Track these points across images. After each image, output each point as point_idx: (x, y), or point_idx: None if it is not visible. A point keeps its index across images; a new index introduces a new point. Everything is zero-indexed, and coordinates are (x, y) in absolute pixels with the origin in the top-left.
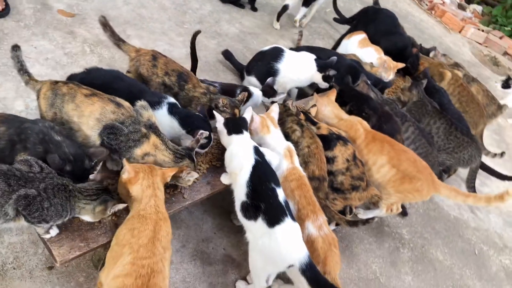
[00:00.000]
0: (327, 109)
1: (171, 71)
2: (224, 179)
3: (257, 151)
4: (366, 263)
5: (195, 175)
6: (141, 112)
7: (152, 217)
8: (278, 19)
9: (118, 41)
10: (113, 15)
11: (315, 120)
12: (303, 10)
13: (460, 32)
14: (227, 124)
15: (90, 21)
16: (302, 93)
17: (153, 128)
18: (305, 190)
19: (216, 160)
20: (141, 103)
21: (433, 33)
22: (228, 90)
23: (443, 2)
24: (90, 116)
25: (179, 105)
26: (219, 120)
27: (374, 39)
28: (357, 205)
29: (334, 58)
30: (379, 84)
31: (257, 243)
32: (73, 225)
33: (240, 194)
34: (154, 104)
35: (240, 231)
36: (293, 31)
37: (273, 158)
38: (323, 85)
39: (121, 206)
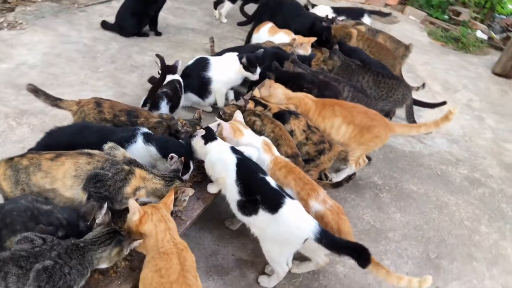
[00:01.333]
0: (279, 91)
1: (119, 112)
2: (212, 188)
3: (234, 150)
4: (358, 217)
5: (190, 191)
6: (113, 153)
7: (173, 250)
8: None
9: (55, 101)
10: (23, 83)
11: (264, 102)
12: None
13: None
14: (203, 135)
15: (3, 96)
16: (237, 93)
17: (133, 162)
18: (297, 172)
19: (197, 176)
20: (108, 145)
21: None
22: None
23: None
24: (65, 177)
25: (151, 133)
26: (199, 133)
27: (284, 26)
28: (329, 167)
29: (261, 50)
30: (305, 60)
31: (266, 234)
32: (91, 285)
33: (233, 195)
34: (129, 138)
35: (239, 233)
36: (203, 42)
37: (251, 152)
38: (251, 76)
39: (137, 243)
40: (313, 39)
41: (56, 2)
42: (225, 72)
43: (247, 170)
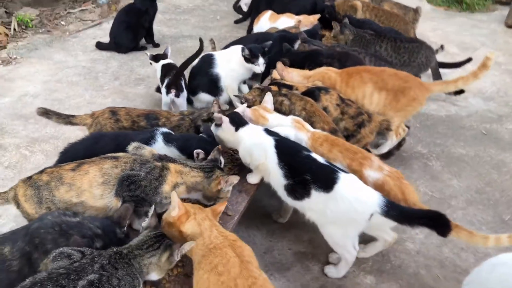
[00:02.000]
0: (293, 74)
1: (137, 117)
2: (252, 178)
3: (269, 132)
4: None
5: (235, 179)
6: (140, 152)
7: (225, 244)
8: None
9: (68, 119)
10: (30, 112)
11: (287, 83)
12: None
13: None
14: (232, 120)
15: (10, 128)
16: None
17: (164, 158)
18: (341, 143)
19: (232, 168)
20: (132, 145)
21: None
22: None
23: None
24: (92, 187)
25: (172, 132)
26: (225, 121)
27: (284, 11)
28: (372, 140)
29: (269, 42)
30: (313, 35)
31: (325, 216)
32: None
33: (278, 180)
34: (148, 140)
35: (290, 226)
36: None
37: (287, 131)
38: (255, 68)
39: (188, 246)
40: (317, 16)
41: (47, 34)
42: (231, 66)
43: (288, 149)
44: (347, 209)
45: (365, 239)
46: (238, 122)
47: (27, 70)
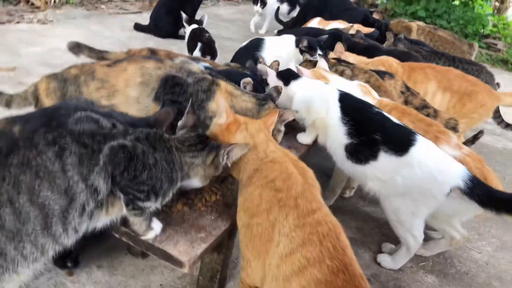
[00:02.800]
0: (351, 58)
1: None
2: (305, 137)
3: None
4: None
5: (291, 115)
6: (187, 66)
7: (285, 159)
8: None
9: (101, 53)
10: (58, 63)
11: (348, 61)
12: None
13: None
14: (281, 75)
15: (36, 70)
16: None
17: (215, 75)
18: (413, 114)
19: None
20: (179, 59)
21: None
22: None
23: None
24: (128, 86)
25: (214, 68)
26: (270, 74)
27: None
28: None
29: (325, 36)
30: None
31: (393, 185)
32: (174, 217)
33: (338, 139)
34: None
35: (336, 210)
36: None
37: (351, 90)
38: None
39: (239, 149)
40: (371, 29)
41: (85, 10)
42: (279, 53)
43: (355, 104)
44: (424, 177)
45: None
46: (288, 75)
47: (62, 31)
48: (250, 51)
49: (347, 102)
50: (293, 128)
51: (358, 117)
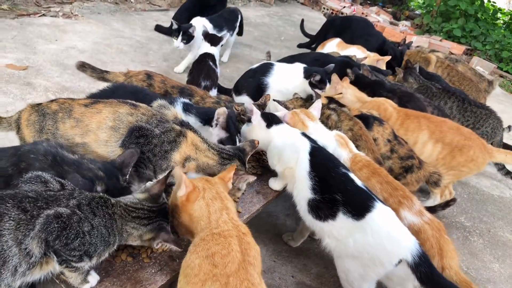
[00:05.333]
0: (349, 91)
1: (171, 88)
2: (275, 184)
3: (306, 136)
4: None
5: (251, 178)
6: (163, 112)
7: (232, 233)
8: None
9: (102, 74)
10: (71, 64)
11: (340, 102)
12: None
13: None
14: (265, 116)
15: (47, 71)
16: None
17: (185, 125)
18: (383, 174)
19: (256, 168)
20: (159, 102)
21: None
22: None
23: (378, 21)
24: (99, 128)
25: (192, 104)
26: (256, 114)
27: (352, 43)
28: (414, 190)
29: (332, 65)
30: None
31: (346, 246)
32: (115, 267)
33: (303, 192)
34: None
35: (301, 252)
36: (260, 58)
37: (327, 141)
38: (312, 92)
39: (174, 248)
40: (388, 57)
41: (113, 4)
42: (285, 81)
43: (324, 160)
44: (375, 244)
45: None
46: (271, 119)
47: (83, 28)
48: (258, 75)
49: (317, 157)
50: (268, 170)
51: (324, 174)
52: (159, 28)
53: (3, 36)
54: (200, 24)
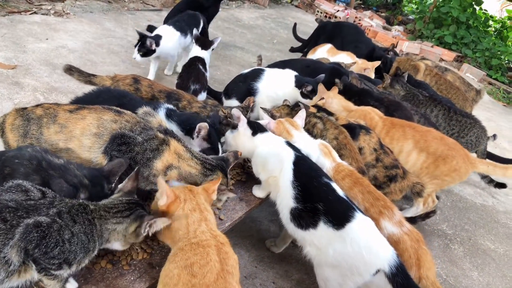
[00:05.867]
0: (334, 101)
1: (158, 93)
2: (259, 192)
3: (290, 145)
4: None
5: (231, 195)
6: (147, 119)
7: (211, 243)
8: None
9: (89, 77)
10: (60, 63)
11: (329, 110)
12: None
13: (395, 48)
14: (251, 124)
15: (36, 71)
16: None
17: (169, 133)
18: (365, 184)
19: (241, 174)
20: (144, 109)
21: None
22: None
23: (371, 25)
24: (83, 135)
25: (176, 110)
26: (242, 121)
27: (342, 50)
28: (398, 199)
29: (322, 75)
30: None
31: (326, 255)
32: (95, 274)
33: (286, 201)
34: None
35: (282, 258)
36: (251, 61)
37: (310, 150)
38: (303, 101)
39: (161, 222)
40: (377, 63)
41: (106, 3)
42: (274, 88)
43: (307, 169)
44: (354, 254)
45: None
46: (257, 127)
47: (74, 27)
48: (248, 80)
49: (300, 166)
50: (252, 177)
51: (307, 184)
52: (151, 29)
53: None
54: (168, 32)
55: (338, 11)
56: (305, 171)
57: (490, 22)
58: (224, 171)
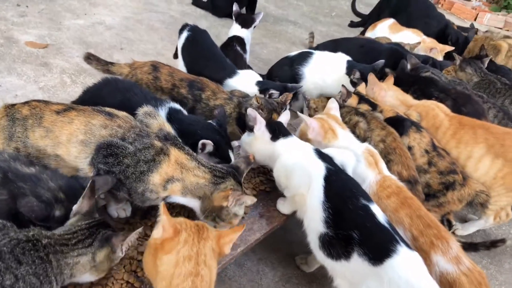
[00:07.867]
0: (389, 94)
1: (179, 82)
2: (284, 207)
3: (321, 154)
4: None
5: (250, 200)
6: (147, 121)
7: None
8: None
9: (106, 66)
10: (95, 42)
11: (372, 101)
12: None
13: (475, 20)
14: (270, 126)
15: (67, 50)
16: None
17: (170, 139)
18: (415, 206)
19: (265, 183)
20: (144, 109)
21: None
22: None
23: None
24: (70, 142)
25: (184, 112)
26: (260, 123)
27: (409, 26)
28: (458, 209)
29: (382, 61)
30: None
31: None
32: None
33: (314, 224)
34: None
35: (314, 278)
36: (303, 37)
37: (345, 157)
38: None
39: (134, 236)
40: (450, 48)
41: None
42: (322, 74)
43: (342, 188)
44: None
45: None
46: (278, 130)
47: (115, 1)
48: (295, 64)
49: (333, 184)
50: (275, 188)
51: (340, 206)
52: (197, 2)
53: (30, 9)
54: None
55: None
56: (338, 190)
57: None
58: (237, 179)
